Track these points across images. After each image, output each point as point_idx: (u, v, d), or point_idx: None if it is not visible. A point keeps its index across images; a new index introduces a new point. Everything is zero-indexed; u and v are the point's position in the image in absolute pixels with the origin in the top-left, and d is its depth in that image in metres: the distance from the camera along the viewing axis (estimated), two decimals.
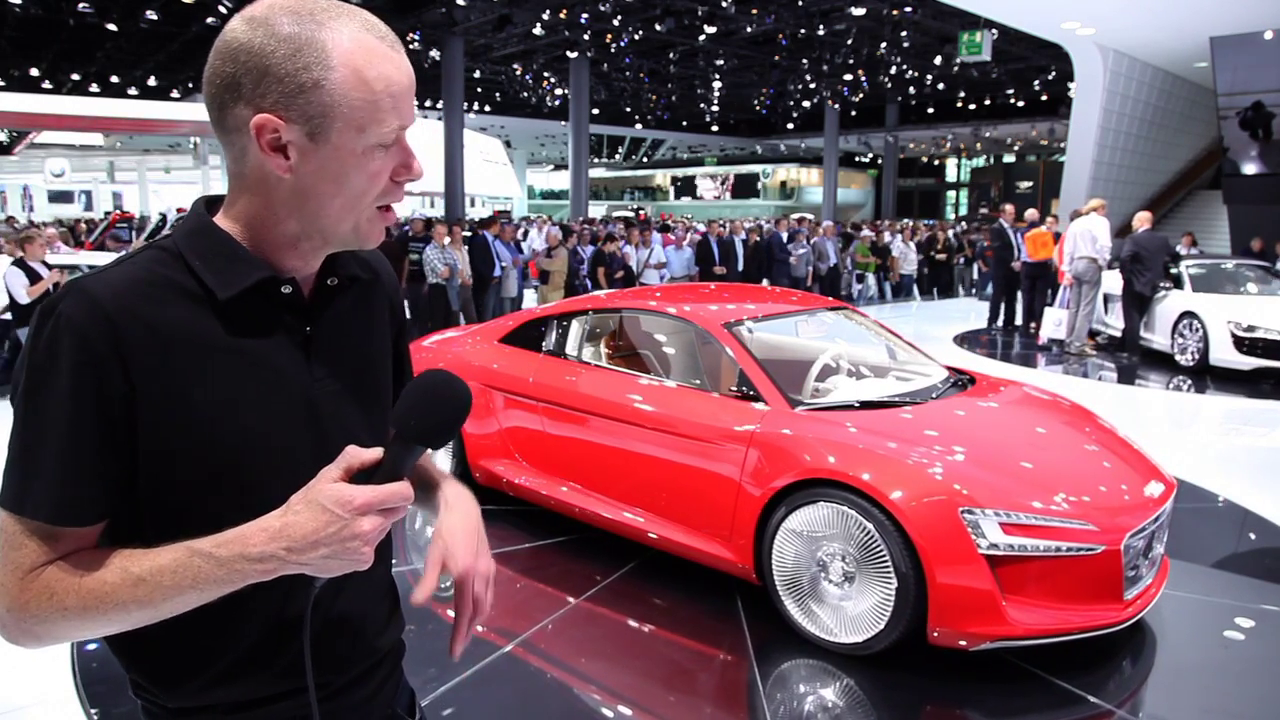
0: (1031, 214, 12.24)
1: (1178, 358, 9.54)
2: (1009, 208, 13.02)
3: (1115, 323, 10.73)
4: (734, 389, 3.88)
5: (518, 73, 28.24)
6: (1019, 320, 12.76)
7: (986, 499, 3.12)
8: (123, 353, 0.92)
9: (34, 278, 7.59)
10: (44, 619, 0.90)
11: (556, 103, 32.44)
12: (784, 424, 3.61)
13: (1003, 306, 12.82)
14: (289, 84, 0.93)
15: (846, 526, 3.29)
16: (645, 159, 51.25)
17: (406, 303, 8.84)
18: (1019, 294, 12.60)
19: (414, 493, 0.93)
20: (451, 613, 1.07)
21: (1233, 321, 8.96)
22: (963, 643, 3.11)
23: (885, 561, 3.18)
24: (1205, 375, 9.20)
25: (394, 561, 1.28)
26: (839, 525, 3.32)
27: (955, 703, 3.15)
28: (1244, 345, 8.87)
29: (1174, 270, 10.04)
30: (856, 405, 3.83)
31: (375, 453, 0.91)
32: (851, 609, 3.31)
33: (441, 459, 5.05)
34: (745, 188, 47.95)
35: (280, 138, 0.95)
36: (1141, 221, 10.07)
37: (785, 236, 14.56)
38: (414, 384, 0.95)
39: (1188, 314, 9.45)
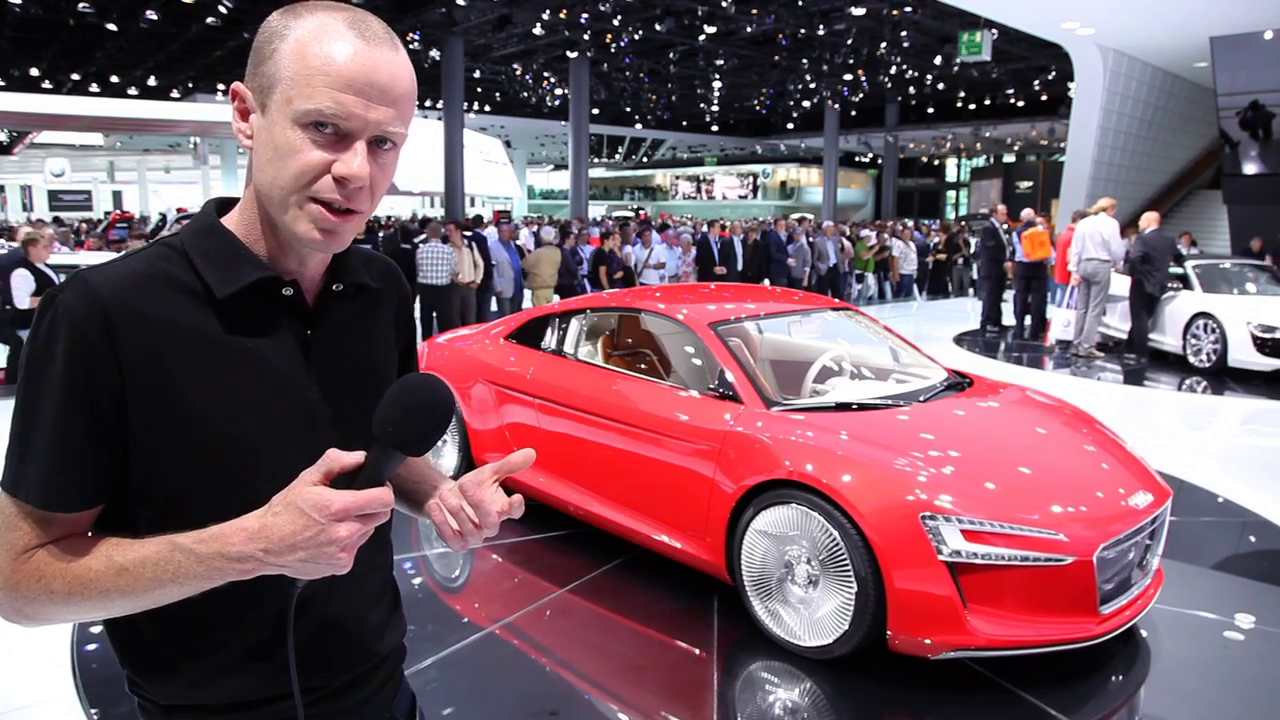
0: (1028, 213, 12.20)
1: (1191, 359, 9.45)
2: (1001, 207, 13.02)
3: (1117, 324, 10.65)
4: (714, 388, 3.90)
5: (518, 73, 28.23)
6: (1010, 320, 12.69)
7: (950, 505, 3.04)
8: (115, 344, 0.93)
9: (41, 279, 7.51)
10: (33, 599, 0.92)
11: (556, 103, 32.44)
12: (756, 424, 3.61)
13: (996, 307, 12.75)
14: (256, 57, 0.98)
15: (809, 528, 3.27)
16: (645, 159, 51.24)
17: None
18: (1011, 294, 12.55)
19: (395, 499, 0.92)
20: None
21: (1252, 322, 8.89)
22: (923, 650, 3.05)
23: (847, 565, 3.15)
24: (1218, 376, 9.14)
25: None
26: (802, 527, 3.30)
27: (913, 712, 3.10)
28: (1262, 345, 8.81)
29: (1179, 270, 9.99)
30: (834, 407, 3.81)
31: (356, 457, 0.90)
32: (815, 612, 3.29)
33: (448, 452, 5.11)
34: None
35: (244, 105, 1.00)
36: (1149, 222, 10.02)
37: (785, 236, 14.56)
38: (395, 388, 0.93)
39: (1202, 314, 9.37)
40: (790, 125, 39.71)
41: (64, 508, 0.94)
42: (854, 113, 36.46)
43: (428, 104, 28.65)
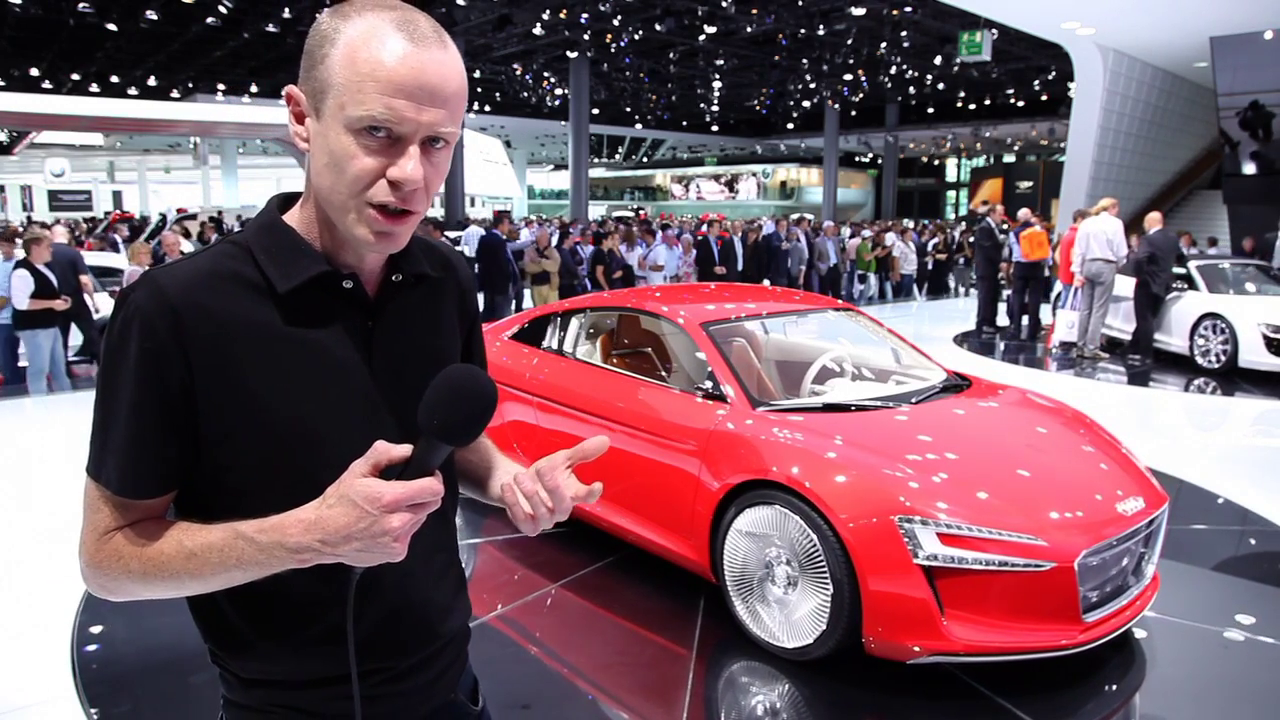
0: (1024, 213, 12.17)
1: (1199, 360, 9.40)
2: (999, 207, 13.01)
3: (1120, 325, 10.59)
4: (703, 387, 3.91)
5: (518, 73, 28.25)
6: (1004, 320, 12.64)
7: (927, 507, 2.99)
8: (184, 341, 0.98)
9: (40, 281, 7.47)
10: (113, 577, 1.00)
11: (556, 103, 32.46)
12: (740, 424, 3.61)
13: (992, 307, 12.71)
14: (308, 60, 1.00)
15: (787, 529, 3.26)
16: (645, 159, 51.25)
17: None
18: (1006, 294, 12.51)
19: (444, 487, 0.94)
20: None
21: (1263, 323, 8.85)
22: (899, 654, 3.02)
23: (823, 566, 3.13)
24: (1227, 377, 9.08)
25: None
26: (780, 527, 3.29)
27: (890, 717, 3.07)
28: (1272, 346, 8.77)
29: (1182, 270, 9.95)
30: (822, 408, 3.80)
31: (404, 449, 0.93)
32: (793, 613, 3.27)
33: None
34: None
35: (299, 108, 1.02)
36: (1153, 222, 9.97)
37: (784, 236, 14.56)
38: (438, 380, 0.94)
39: (1210, 315, 9.32)
40: (790, 125, 39.74)
41: (139, 494, 1.00)
42: (854, 113, 36.49)
43: None
